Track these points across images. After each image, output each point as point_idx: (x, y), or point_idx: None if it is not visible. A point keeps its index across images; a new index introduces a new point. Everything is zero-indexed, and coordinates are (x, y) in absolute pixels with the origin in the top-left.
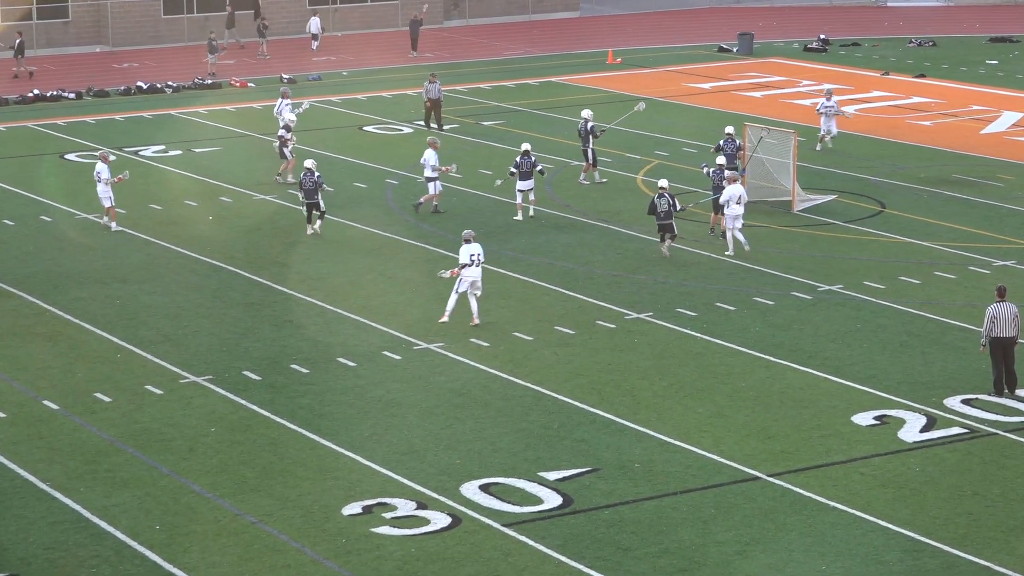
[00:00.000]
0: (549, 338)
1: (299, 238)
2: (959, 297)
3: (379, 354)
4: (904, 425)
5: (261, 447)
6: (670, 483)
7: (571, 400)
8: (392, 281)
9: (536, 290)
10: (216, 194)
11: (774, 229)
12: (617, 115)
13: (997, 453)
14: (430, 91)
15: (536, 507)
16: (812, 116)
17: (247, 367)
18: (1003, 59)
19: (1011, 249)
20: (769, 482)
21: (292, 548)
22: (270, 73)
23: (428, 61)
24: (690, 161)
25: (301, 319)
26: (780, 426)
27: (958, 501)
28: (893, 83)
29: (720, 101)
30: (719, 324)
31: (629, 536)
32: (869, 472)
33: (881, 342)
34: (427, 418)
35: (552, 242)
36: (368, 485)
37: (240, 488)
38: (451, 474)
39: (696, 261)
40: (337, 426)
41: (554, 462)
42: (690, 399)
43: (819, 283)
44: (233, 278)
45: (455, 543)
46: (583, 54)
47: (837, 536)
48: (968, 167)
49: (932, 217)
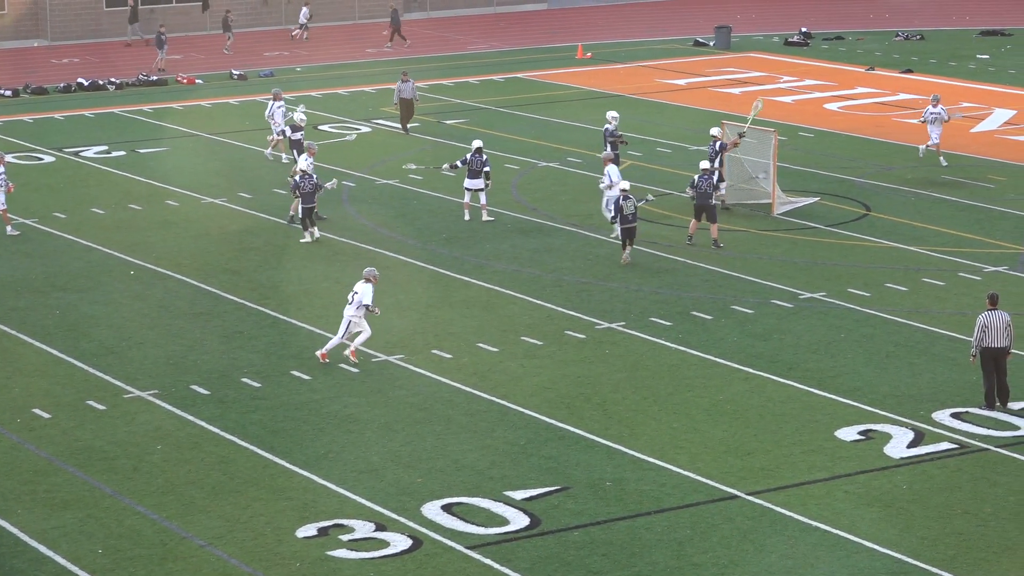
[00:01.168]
0: (515, 349)
1: (250, 244)
2: (948, 305)
3: (335, 367)
4: (890, 440)
5: (210, 466)
6: (643, 502)
7: (539, 415)
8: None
9: (501, 298)
10: (162, 197)
11: (753, 233)
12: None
13: (988, 470)
14: (402, 91)
15: (502, 528)
16: (793, 114)
17: (195, 381)
18: (994, 54)
19: (1003, 254)
20: (748, 501)
21: (243, 572)
22: (219, 69)
23: (388, 56)
24: (665, 162)
25: (252, 330)
26: (760, 442)
27: (947, 520)
28: (879, 79)
29: (696, 98)
30: (695, 334)
31: (600, 559)
32: (854, 490)
33: (866, 353)
34: (386, 434)
35: (518, 247)
36: (324, 506)
37: (188, 509)
38: (412, 494)
39: (671, 268)
40: (291, 443)
41: (521, 480)
42: (665, 413)
43: (800, 290)
44: (180, 287)
45: (416, 567)
46: (551, 48)
47: (820, 558)
48: (958, 167)
49: (920, 220)
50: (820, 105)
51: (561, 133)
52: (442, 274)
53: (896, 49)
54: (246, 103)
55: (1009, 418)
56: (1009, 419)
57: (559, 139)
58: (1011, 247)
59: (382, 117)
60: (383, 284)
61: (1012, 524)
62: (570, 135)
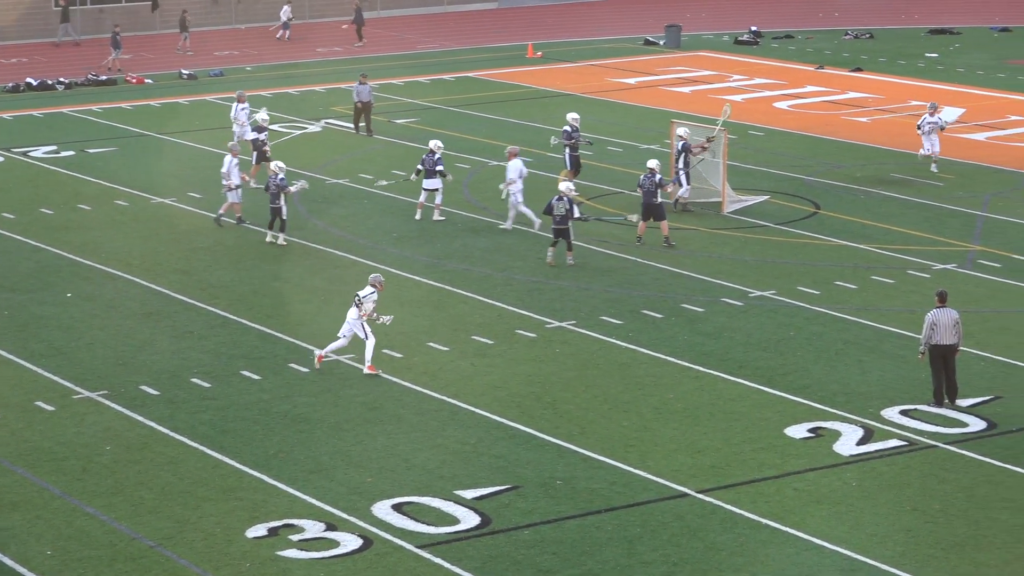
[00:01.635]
0: (466, 348)
1: (200, 244)
2: (897, 303)
3: (285, 366)
4: (840, 438)
5: (159, 466)
6: (594, 501)
7: (489, 414)
8: (299, 289)
9: (452, 297)
10: (111, 197)
11: (703, 232)
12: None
13: (937, 466)
14: (360, 92)
15: (452, 527)
16: (743, 113)
17: (144, 381)
18: (943, 52)
19: (952, 252)
20: (698, 499)
21: (193, 573)
22: (169, 68)
23: (337, 56)
24: (616, 160)
25: (202, 330)
26: (710, 440)
27: (896, 517)
28: (828, 77)
29: (646, 97)
30: (645, 332)
31: (551, 557)
32: (803, 487)
33: (816, 350)
34: (336, 434)
35: (469, 247)
36: (274, 506)
37: (137, 510)
38: (362, 493)
39: (621, 267)
40: (241, 443)
41: (471, 480)
42: (615, 412)
43: (750, 288)
44: (129, 286)
45: (366, 566)
46: (501, 48)
47: (770, 555)
48: (906, 166)
49: (869, 218)
50: (770, 104)
51: (512, 132)
52: (393, 273)
53: (846, 48)
54: (196, 103)
55: (958, 415)
56: (958, 416)
57: (510, 138)
58: (960, 245)
59: (332, 116)
60: (333, 283)
61: (961, 521)
62: (521, 134)
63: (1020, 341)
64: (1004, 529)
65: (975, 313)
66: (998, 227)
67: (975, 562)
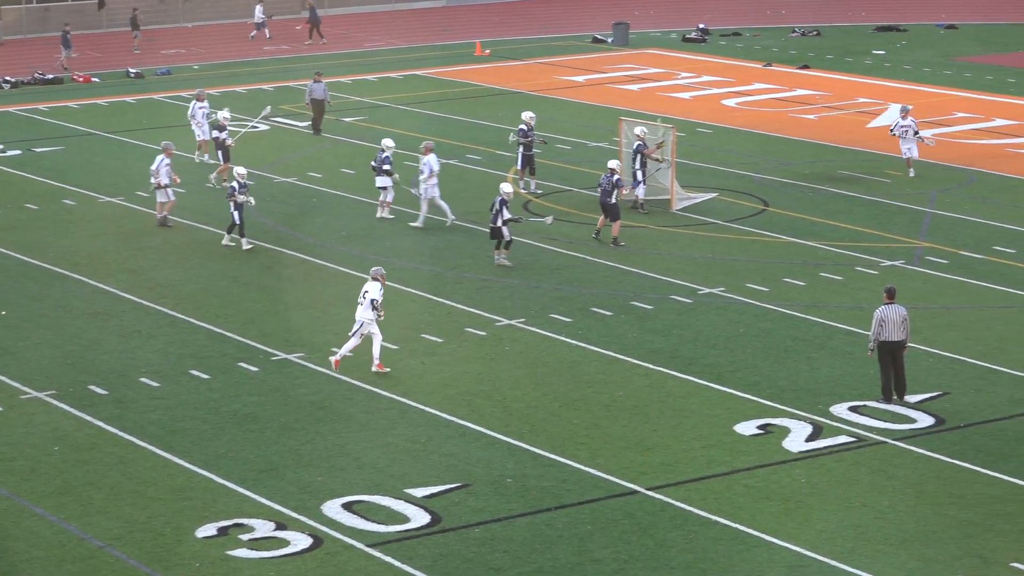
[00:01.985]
0: (416, 347)
1: (148, 243)
2: (846, 299)
3: (234, 366)
4: (789, 434)
5: (108, 466)
6: (544, 499)
7: (439, 412)
8: (248, 287)
9: (401, 296)
10: (58, 196)
11: (652, 229)
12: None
13: (886, 462)
14: (314, 91)
15: (402, 526)
16: (691, 110)
17: (93, 381)
18: (890, 49)
19: (899, 248)
20: (648, 496)
21: (142, 573)
22: (116, 67)
23: (285, 54)
24: (564, 158)
25: (151, 329)
26: (659, 437)
27: (845, 513)
28: (776, 75)
29: (595, 95)
30: (595, 330)
31: (501, 555)
32: (753, 484)
33: (764, 347)
34: (286, 433)
35: (419, 245)
36: (223, 505)
37: (86, 510)
38: (312, 492)
39: (570, 264)
40: (190, 443)
41: (421, 478)
42: (565, 410)
43: (699, 286)
44: (77, 286)
45: (316, 565)
46: (449, 46)
47: (719, 552)
48: (854, 163)
49: (817, 216)
50: (718, 101)
51: (460, 130)
52: (342, 272)
53: (793, 45)
54: (143, 101)
55: (906, 411)
56: (906, 412)
57: (458, 136)
58: (907, 241)
59: (279, 115)
60: (283, 283)
61: (909, 517)
62: (469, 132)
63: (967, 337)
64: (952, 525)
65: (923, 309)
66: (945, 224)
67: (924, 558)
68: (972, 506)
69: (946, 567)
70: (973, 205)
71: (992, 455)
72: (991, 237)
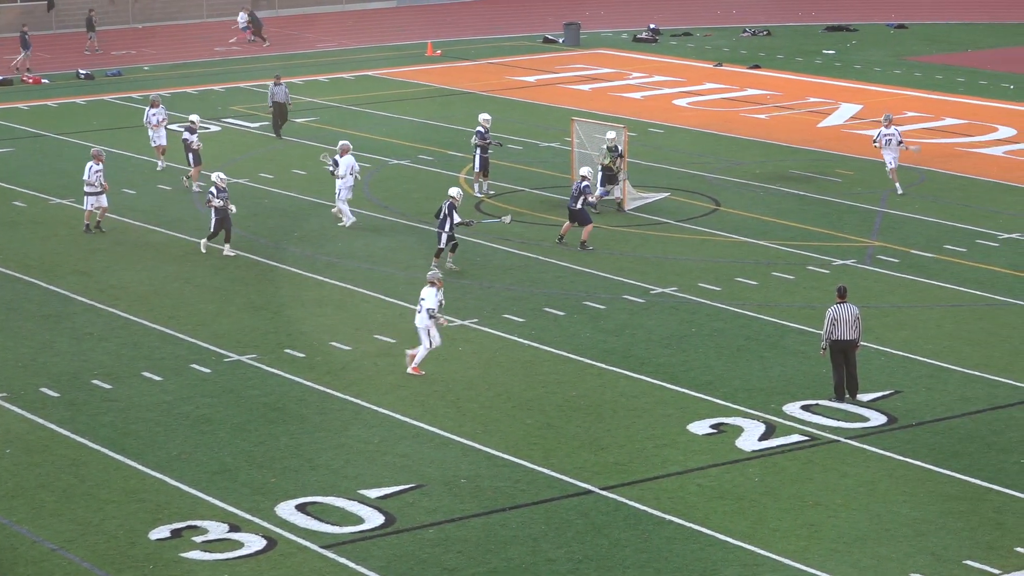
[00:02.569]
0: (369, 348)
1: (99, 245)
2: (797, 298)
3: (187, 367)
4: (742, 433)
5: (61, 468)
6: (498, 499)
7: (392, 413)
8: (200, 289)
9: (354, 297)
10: (8, 198)
11: (604, 229)
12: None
13: (838, 461)
14: (275, 94)
15: (356, 527)
16: (642, 110)
17: (45, 383)
18: (840, 49)
19: (850, 248)
20: (602, 496)
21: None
22: (64, 68)
23: (236, 54)
24: (516, 159)
25: (102, 331)
26: (613, 437)
27: (799, 512)
28: (727, 75)
29: (546, 95)
30: (548, 330)
31: (455, 556)
32: (706, 483)
33: (717, 347)
34: (239, 434)
35: (371, 246)
36: (177, 507)
37: (38, 513)
38: (265, 494)
39: (523, 264)
40: (143, 445)
41: (375, 479)
42: (518, 410)
43: (652, 285)
44: (28, 288)
45: (270, 567)
46: (401, 46)
47: (673, 551)
48: (805, 162)
49: (768, 215)
50: (669, 101)
51: (412, 131)
52: (294, 273)
53: (743, 45)
54: (93, 103)
55: (858, 410)
56: (858, 411)
57: (410, 137)
58: (859, 240)
59: (231, 116)
60: (235, 284)
61: (862, 515)
62: (421, 133)
63: (919, 336)
64: (905, 523)
65: (874, 309)
66: (896, 223)
67: (877, 556)
68: (924, 504)
69: (899, 565)
70: (924, 204)
71: (944, 453)
72: (942, 236)
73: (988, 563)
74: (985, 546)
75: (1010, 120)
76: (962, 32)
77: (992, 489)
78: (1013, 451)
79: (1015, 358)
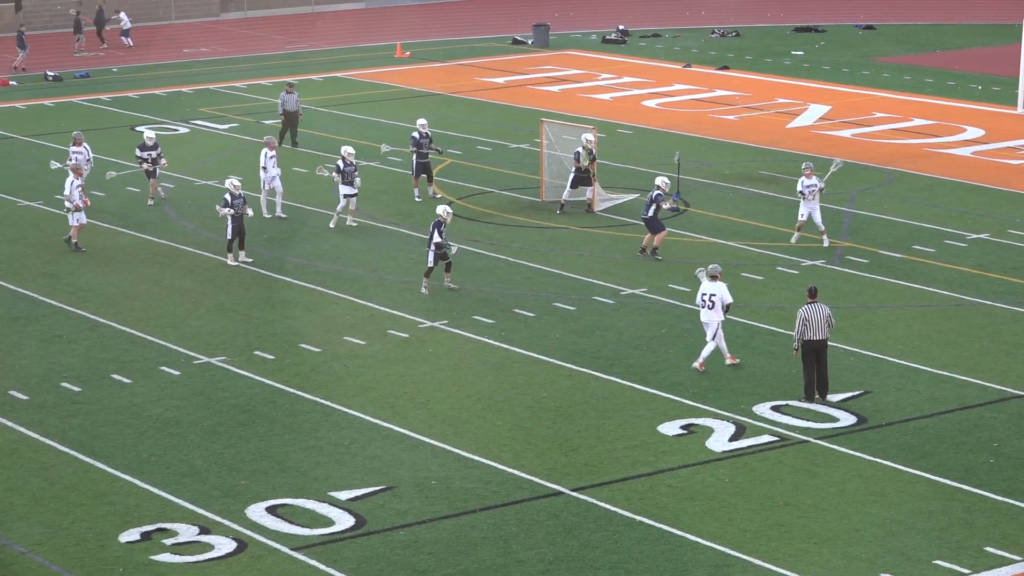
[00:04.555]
0: (338, 349)
1: (67, 247)
2: (767, 299)
3: (156, 369)
4: (712, 434)
5: (29, 472)
6: (469, 500)
7: (362, 415)
8: (169, 291)
9: (324, 298)
10: None
11: (574, 230)
12: (406, 113)
13: (808, 461)
14: (286, 102)
15: (327, 529)
16: (611, 111)
17: (13, 386)
18: (808, 50)
19: (820, 248)
20: (573, 497)
21: None
22: (32, 70)
23: (205, 56)
24: (485, 160)
25: (71, 334)
26: (583, 438)
27: (769, 512)
28: (695, 76)
29: (515, 96)
30: (518, 331)
31: (426, 558)
32: (677, 484)
33: (687, 347)
34: (209, 437)
35: (340, 247)
36: (146, 510)
37: (7, 516)
38: (236, 496)
39: (492, 266)
40: (112, 447)
41: (345, 481)
42: (489, 411)
43: (622, 286)
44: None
45: (241, 569)
46: (370, 48)
47: (644, 552)
48: (774, 163)
49: (738, 216)
50: (638, 102)
51: (381, 132)
52: (263, 275)
53: (712, 46)
54: (62, 104)
55: (828, 410)
56: (828, 411)
57: (379, 138)
58: (821, 241)
59: (199, 118)
60: (204, 286)
61: (832, 515)
62: (390, 134)
63: (888, 336)
64: (875, 523)
65: (844, 309)
66: (865, 223)
67: (847, 556)
68: (894, 504)
69: (869, 565)
70: (892, 204)
71: (913, 453)
72: (910, 236)
73: (958, 563)
74: (955, 545)
75: (978, 121)
76: (930, 33)
77: (961, 489)
78: (982, 451)
79: (984, 358)
